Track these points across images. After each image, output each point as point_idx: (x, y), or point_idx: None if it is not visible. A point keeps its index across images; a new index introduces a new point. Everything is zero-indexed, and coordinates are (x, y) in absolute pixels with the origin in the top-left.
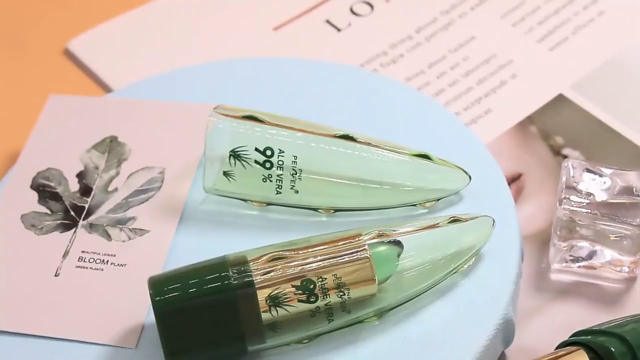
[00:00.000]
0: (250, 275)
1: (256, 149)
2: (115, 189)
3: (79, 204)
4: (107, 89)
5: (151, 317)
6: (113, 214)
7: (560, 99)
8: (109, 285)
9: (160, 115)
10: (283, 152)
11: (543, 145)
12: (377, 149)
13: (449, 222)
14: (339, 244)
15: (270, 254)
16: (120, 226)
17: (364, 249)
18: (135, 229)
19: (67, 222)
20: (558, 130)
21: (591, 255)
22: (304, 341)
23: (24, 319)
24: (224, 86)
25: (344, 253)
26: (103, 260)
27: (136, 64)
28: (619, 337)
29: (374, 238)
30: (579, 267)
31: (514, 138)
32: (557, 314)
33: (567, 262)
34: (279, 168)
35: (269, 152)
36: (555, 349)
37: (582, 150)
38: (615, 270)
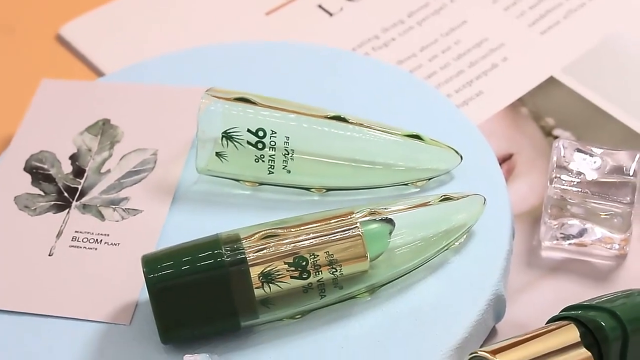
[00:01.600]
0: (243, 253)
1: (248, 130)
2: (108, 171)
3: (72, 186)
4: (99, 73)
5: (145, 295)
6: (106, 195)
7: (551, 82)
8: (102, 264)
9: (153, 99)
10: (275, 132)
11: (534, 126)
12: (368, 129)
13: (440, 201)
14: (331, 221)
15: (263, 232)
16: (114, 206)
17: (356, 227)
18: (129, 209)
19: (60, 203)
20: (549, 111)
21: (582, 233)
22: (297, 316)
23: (19, 298)
24: (216, 70)
25: (336, 230)
26: (97, 239)
27: (128, 49)
28: (610, 311)
29: (365, 216)
30: (570, 244)
31: (505, 119)
32: (547, 290)
33: (557, 239)
34: (271, 148)
35: (261, 133)
36: (546, 324)
37: (573, 131)
38: (606, 248)
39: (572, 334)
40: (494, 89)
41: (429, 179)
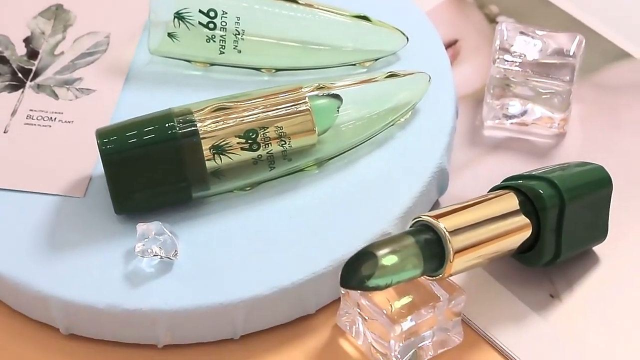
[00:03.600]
0: (195, 125)
1: (200, 11)
2: (62, 53)
3: (26, 67)
4: None
5: (99, 169)
6: (60, 75)
7: None
8: (57, 140)
9: None
10: (226, 13)
11: (479, 13)
12: (318, 10)
13: (386, 77)
14: (280, 95)
15: (214, 105)
16: (67, 86)
17: (305, 102)
18: (82, 88)
19: (14, 83)
20: (493, 0)
21: (523, 112)
22: (247, 188)
23: None
24: None
25: (285, 105)
26: (51, 117)
27: None
28: (548, 180)
29: (313, 90)
30: (512, 124)
31: (450, 7)
32: (489, 166)
33: (499, 119)
34: (222, 29)
35: (212, 14)
36: (487, 193)
37: (516, 18)
38: (546, 127)
39: (511, 201)
40: None
41: (376, 60)
